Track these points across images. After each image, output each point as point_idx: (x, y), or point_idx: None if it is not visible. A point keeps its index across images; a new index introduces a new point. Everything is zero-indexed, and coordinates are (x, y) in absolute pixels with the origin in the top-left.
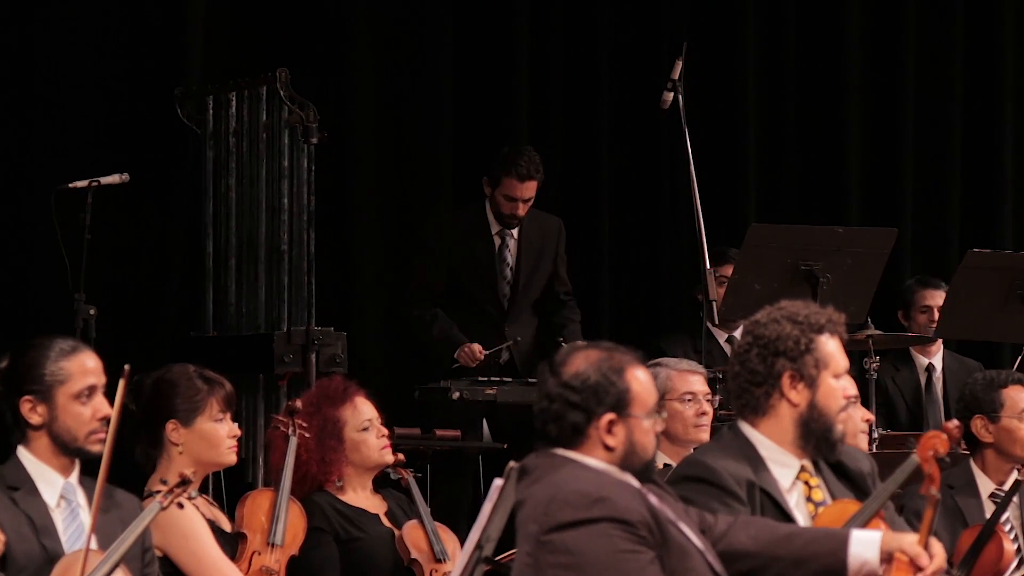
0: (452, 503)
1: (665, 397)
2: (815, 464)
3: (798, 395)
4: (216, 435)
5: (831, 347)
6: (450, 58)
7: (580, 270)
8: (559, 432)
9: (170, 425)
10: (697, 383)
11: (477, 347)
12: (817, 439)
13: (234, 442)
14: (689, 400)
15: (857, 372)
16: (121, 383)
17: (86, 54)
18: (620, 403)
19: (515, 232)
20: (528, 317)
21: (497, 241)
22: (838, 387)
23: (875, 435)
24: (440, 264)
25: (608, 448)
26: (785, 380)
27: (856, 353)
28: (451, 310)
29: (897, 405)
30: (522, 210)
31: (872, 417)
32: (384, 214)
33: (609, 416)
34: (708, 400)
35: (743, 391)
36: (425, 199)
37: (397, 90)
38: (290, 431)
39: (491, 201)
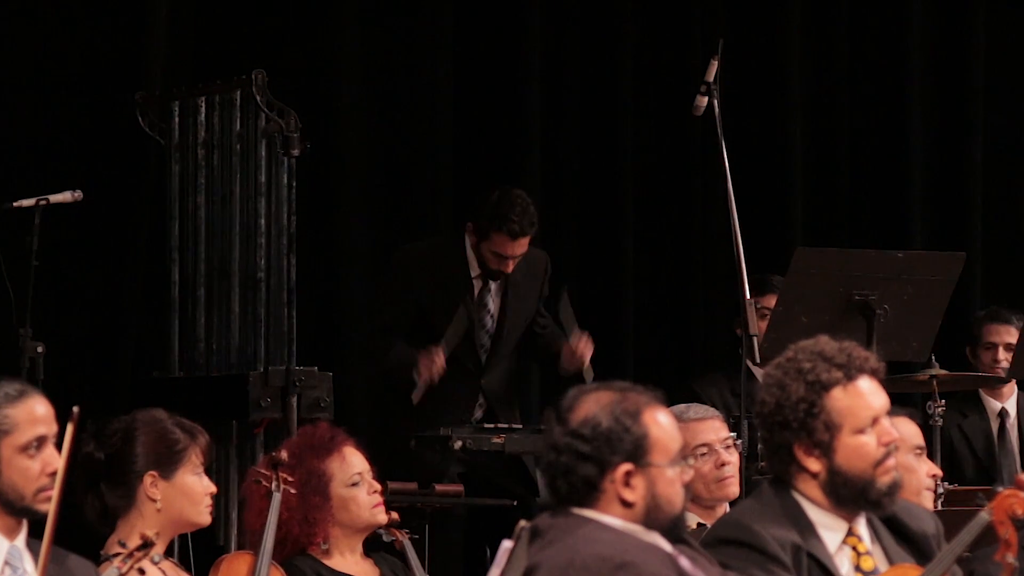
0: (453, 568)
1: None
2: (872, 525)
3: (816, 463)
4: (197, 490)
5: (847, 401)
6: (450, 56)
7: (601, 301)
8: (570, 488)
9: (148, 478)
10: (710, 431)
11: (434, 350)
12: (853, 502)
13: (210, 500)
14: (704, 454)
15: (921, 419)
16: (69, 428)
17: (33, 55)
18: (637, 451)
19: None
20: (505, 367)
21: (477, 285)
22: (864, 442)
23: (940, 490)
24: (407, 302)
25: (627, 504)
26: (797, 451)
27: (919, 396)
28: None
29: (963, 456)
30: (512, 266)
31: (939, 472)
32: (375, 237)
33: (626, 467)
34: (728, 447)
35: (765, 455)
36: (423, 220)
37: (390, 94)
38: (273, 486)
39: (476, 250)
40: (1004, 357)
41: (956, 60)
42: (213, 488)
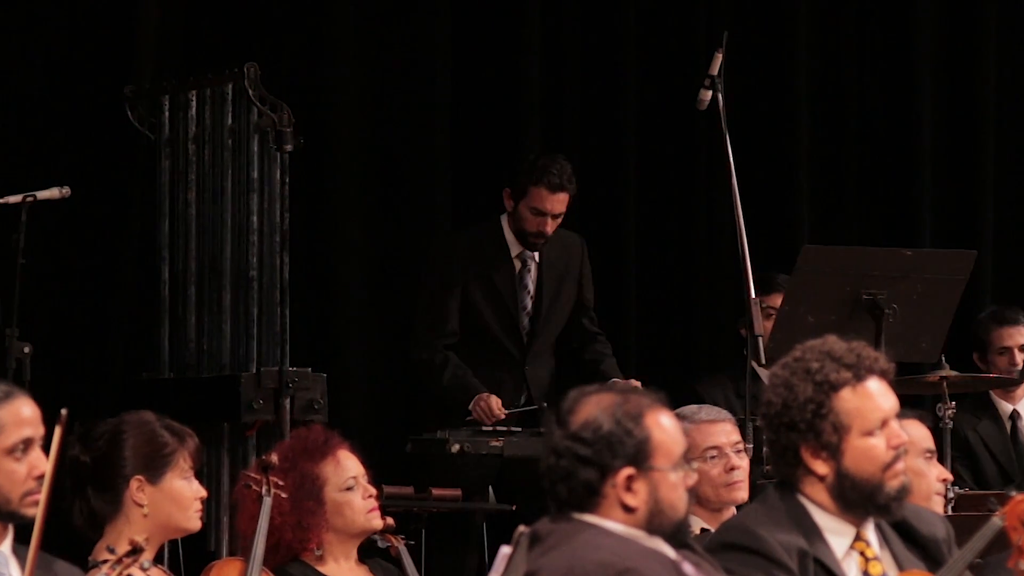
0: (450, 575)
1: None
2: (880, 530)
3: (823, 465)
4: (185, 495)
5: (856, 402)
6: (448, 48)
7: (602, 300)
8: (570, 493)
9: (135, 482)
10: (721, 434)
11: (496, 402)
12: (861, 506)
13: (200, 504)
14: (714, 456)
15: (931, 421)
16: (57, 431)
17: (19, 47)
18: (640, 455)
19: (536, 254)
20: (547, 356)
21: (517, 265)
22: (872, 445)
23: (951, 495)
24: (451, 293)
25: (628, 509)
26: (804, 453)
27: (929, 398)
28: (465, 348)
29: (984, 459)
30: (551, 227)
31: (950, 476)
32: (371, 234)
33: (627, 471)
34: (739, 451)
35: (771, 458)
36: (420, 216)
37: (386, 87)
38: (263, 490)
39: (513, 217)
40: (1021, 359)
41: (967, 52)
42: (203, 492)
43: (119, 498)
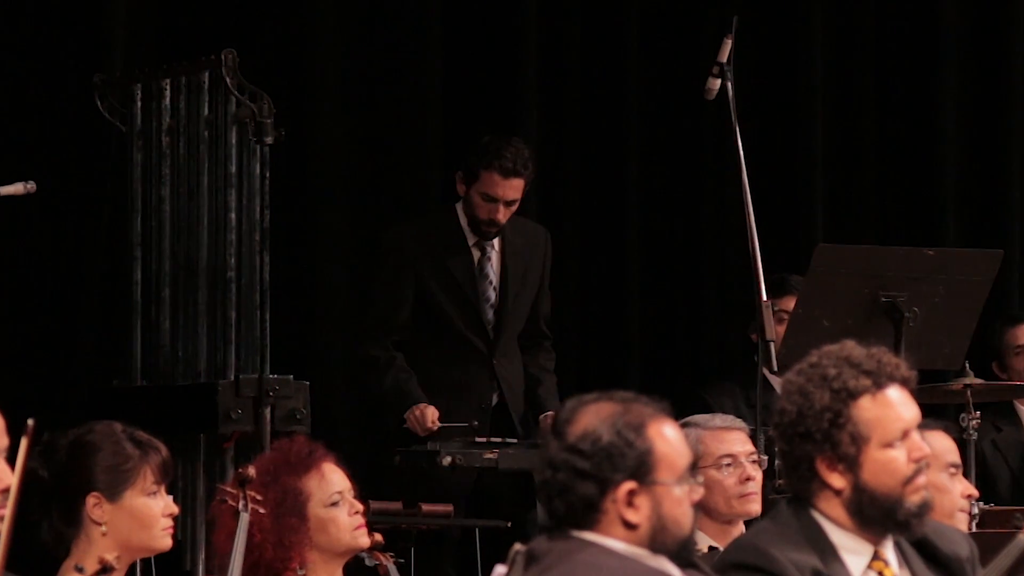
0: None
1: (698, 464)
2: (900, 548)
3: (840, 479)
4: (148, 513)
5: (876, 411)
6: (439, 34)
7: (603, 303)
8: (568, 508)
9: (91, 499)
10: (736, 442)
11: (432, 413)
12: (880, 522)
13: (170, 522)
14: (728, 465)
15: (954, 432)
16: (23, 442)
17: None
18: (641, 468)
19: (496, 242)
20: (516, 350)
21: (476, 253)
22: (892, 457)
23: (975, 511)
24: (403, 286)
25: (630, 525)
26: (820, 465)
27: (952, 408)
28: (429, 346)
29: (998, 473)
30: (503, 215)
31: (975, 492)
32: (356, 232)
33: (628, 485)
34: (753, 461)
35: (784, 471)
36: (409, 213)
37: (373, 74)
38: (240, 506)
39: (465, 203)
40: None
41: (993, 40)
42: (174, 509)
43: (77, 517)
